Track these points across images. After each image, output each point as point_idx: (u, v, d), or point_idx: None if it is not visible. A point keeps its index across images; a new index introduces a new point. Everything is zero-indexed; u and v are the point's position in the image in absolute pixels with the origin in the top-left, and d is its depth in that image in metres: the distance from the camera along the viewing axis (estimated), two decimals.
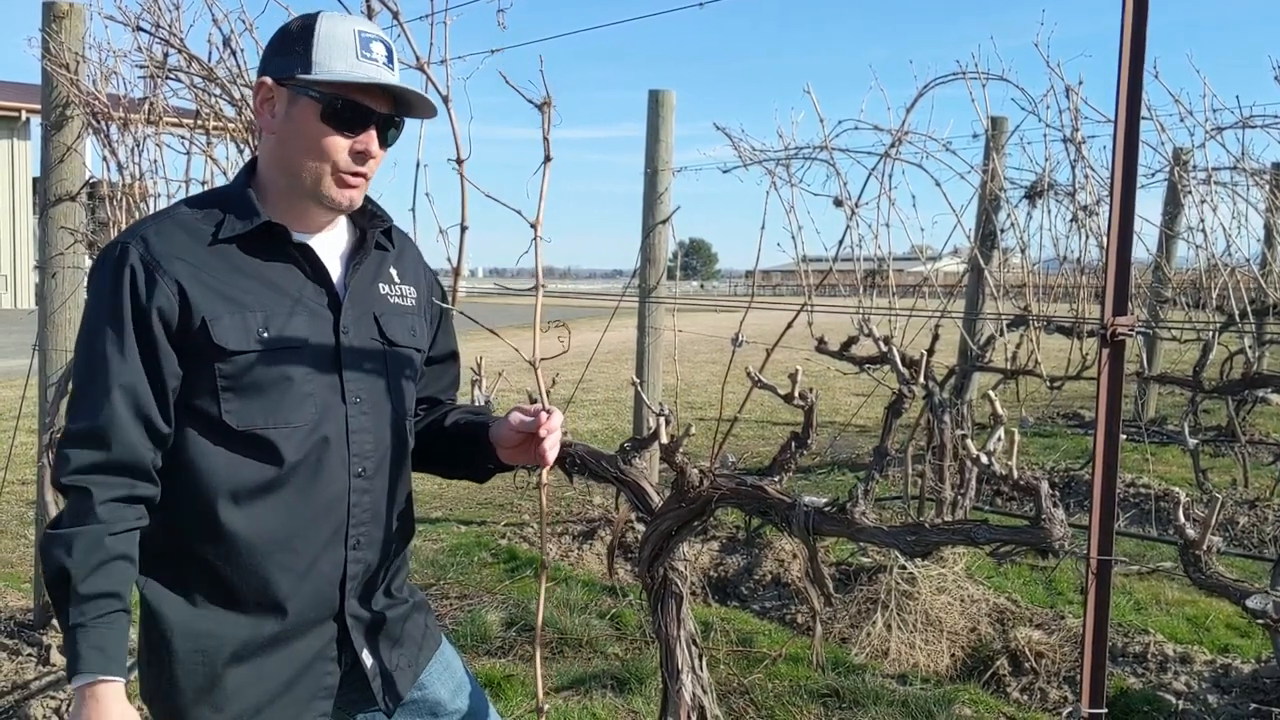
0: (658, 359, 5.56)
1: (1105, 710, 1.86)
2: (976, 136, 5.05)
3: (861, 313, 4.87)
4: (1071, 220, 5.00)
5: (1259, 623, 1.94)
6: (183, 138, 3.62)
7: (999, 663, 3.85)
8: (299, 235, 1.62)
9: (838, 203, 4.70)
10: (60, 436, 1.51)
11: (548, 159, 1.63)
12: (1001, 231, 5.33)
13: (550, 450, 1.70)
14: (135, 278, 1.50)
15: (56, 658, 3.67)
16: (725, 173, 5.31)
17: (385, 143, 1.62)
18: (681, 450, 2.21)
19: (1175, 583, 4.84)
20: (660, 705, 2.25)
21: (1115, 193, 1.79)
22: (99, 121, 3.75)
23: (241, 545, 1.55)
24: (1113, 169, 1.81)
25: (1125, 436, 4.93)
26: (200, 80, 3.48)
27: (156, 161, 3.69)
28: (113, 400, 1.47)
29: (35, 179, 19.83)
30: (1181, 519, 1.90)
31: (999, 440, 1.83)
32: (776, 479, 2.13)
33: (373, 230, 1.70)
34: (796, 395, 2.17)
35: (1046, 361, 4.86)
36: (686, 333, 4.78)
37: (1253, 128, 4.99)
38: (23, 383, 4.42)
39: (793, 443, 2.16)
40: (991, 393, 2.03)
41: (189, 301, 1.51)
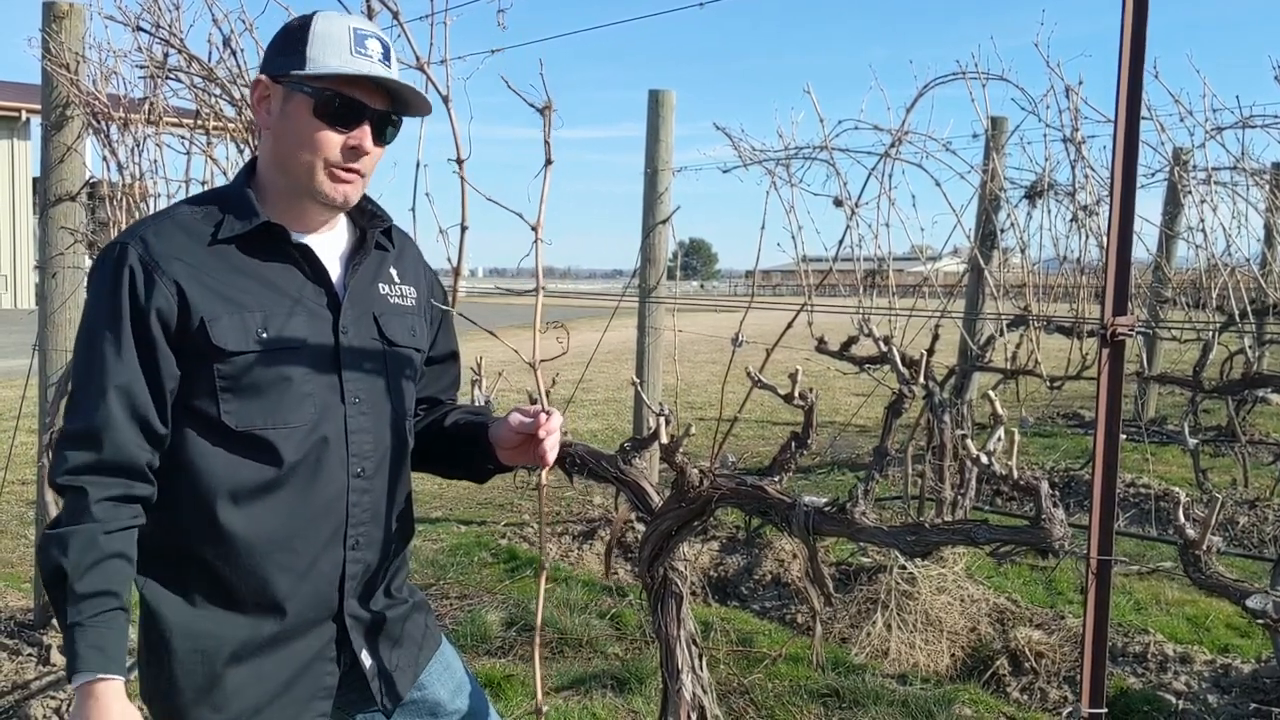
0: (658, 359, 5.56)
1: (1105, 710, 1.86)
2: (976, 136, 5.05)
3: (861, 313, 4.87)
4: (1071, 220, 5.00)
5: (1259, 623, 1.94)
6: (183, 138, 3.63)
7: (999, 663, 3.85)
8: (298, 235, 1.62)
9: (838, 203, 4.70)
10: (57, 436, 1.51)
11: (549, 162, 1.62)
12: (1001, 231, 5.33)
13: (550, 451, 1.70)
14: (134, 278, 1.50)
15: (57, 658, 3.67)
16: (725, 173, 5.31)
17: (382, 140, 1.62)
18: (681, 450, 2.21)
19: (1175, 583, 4.84)
20: (660, 705, 2.25)
21: (1115, 193, 1.79)
22: (99, 121, 3.75)
23: (241, 545, 1.55)
24: (1113, 169, 1.81)
25: (1125, 436, 4.94)
26: (200, 80, 3.48)
27: (156, 161, 3.70)
28: (109, 401, 1.47)
29: (35, 179, 19.83)
30: (1181, 519, 1.90)
31: (999, 440, 1.83)
32: (776, 479, 2.13)
33: (372, 230, 1.70)
34: (796, 395, 2.17)
35: (1046, 361, 4.86)
36: (686, 333, 4.77)
37: (1253, 128, 4.99)
38: (23, 383, 4.42)
39: (793, 443, 2.16)
40: (991, 393, 2.03)
41: (188, 302, 1.51)
